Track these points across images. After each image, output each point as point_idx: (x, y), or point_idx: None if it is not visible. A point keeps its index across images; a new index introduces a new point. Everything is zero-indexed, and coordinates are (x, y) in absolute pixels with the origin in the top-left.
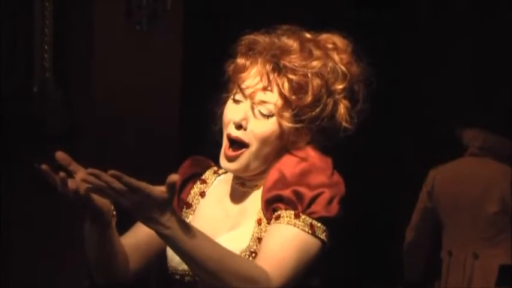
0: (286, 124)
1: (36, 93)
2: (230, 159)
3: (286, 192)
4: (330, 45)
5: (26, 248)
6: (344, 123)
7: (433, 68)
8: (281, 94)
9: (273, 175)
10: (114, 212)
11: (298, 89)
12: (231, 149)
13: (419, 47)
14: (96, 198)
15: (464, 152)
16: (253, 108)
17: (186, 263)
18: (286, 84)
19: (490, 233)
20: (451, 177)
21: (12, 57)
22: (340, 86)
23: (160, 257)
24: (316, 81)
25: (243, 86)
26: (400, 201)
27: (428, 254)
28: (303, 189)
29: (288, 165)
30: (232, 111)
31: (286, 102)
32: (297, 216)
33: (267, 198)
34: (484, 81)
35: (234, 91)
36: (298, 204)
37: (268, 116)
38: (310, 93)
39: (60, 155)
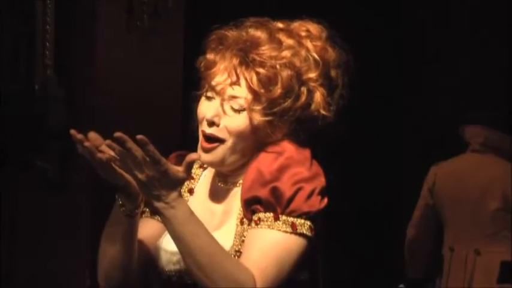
0: (258, 118)
1: (38, 91)
2: (206, 151)
3: (264, 193)
4: (303, 33)
5: (28, 246)
6: (322, 111)
7: (436, 65)
8: (250, 88)
9: (250, 174)
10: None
11: (267, 81)
12: (206, 142)
13: (422, 43)
14: (125, 173)
15: (465, 149)
16: (224, 104)
17: (179, 250)
18: (254, 78)
19: (491, 230)
20: (453, 174)
21: (14, 55)
22: (313, 74)
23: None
24: (286, 73)
25: (213, 82)
26: (401, 198)
27: (430, 251)
28: (281, 187)
29: (265, 162)
30: (205, 108)
31: (256, 95)
32: (276, 219)
33: (246, 199)
34: (486, 78)
35: (205, 88)
36: (276, 205)
37: (239, 111)
38: (279, 85)
39: (92, 135)
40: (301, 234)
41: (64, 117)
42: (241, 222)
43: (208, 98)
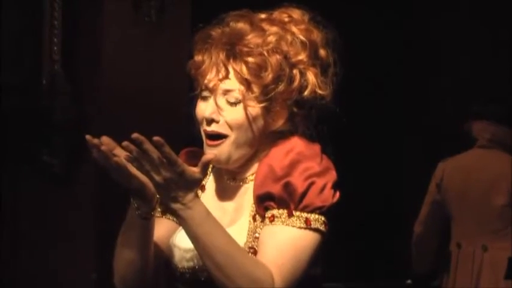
0: (254, 106)
1: (45, 86)
2: (212, 149)
3: (277, 189)
4: (285, 19)
5: (32, 241)
6: (318, 91)
7: (441, 61)
8: (241, 79)
9: (262, 170)
10: (158, 197)
11: (257, 69)
12: (210, 140)
13: (425, 40)
14: (140, 175)
15: (473, 144)
16: (220, 99)
17: (197, 250)
18: (244, 68)
19: (499, 226)
20: (460, 170)
21: (21, 50)
22: (302, 57)
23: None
24: (274, 57)
25: (205, 81)
26: (408, 194)
27: (437, 247)
28: (293, 182)
29: (276, 158)
30: (202, 108)
31: (249, 85)
32: (290, 215)
33: (258, 195)
34: (493, 73)
35: (199, 88)
36: (290, 201)
37: (235, 104)
38: (270, 71)
39: (105, 139)
40: (316, 230)
41: (70, 112)
42: (254, 219)
43: (204, 98)
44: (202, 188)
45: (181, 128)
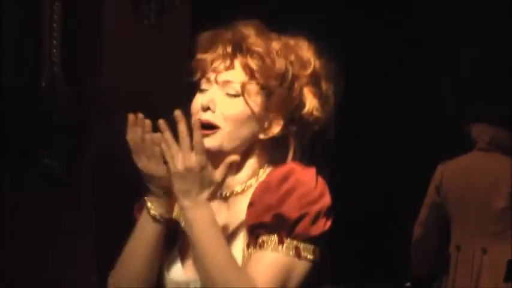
0: (254, 98)
1: (45, 88)
2: (204, 138)
3: (269, 218)
4: (291, 42)
5: (32, 243)
6: (315, 112)
7: (441, 60)
8: (245, 70)
9: (256, 198)
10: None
11: (262, 64)
12: (203, 129)
13: (425, 40)
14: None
15: (472, 147)
16: (219, 90)
17: (193, 253)
18: (249, 59)
19: (498, 228)
20: (460, 172)
21: (21, 52)
22: (305, 73)
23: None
24: (280, 59)
25: (207, 73)
26: (408, 195)
27: (437, 249)
28: (286, 212)
29: (271, 185)
30: (199, 99)
31: (252, 77)
32: (280, 242)
33: (251, 225)
34: (492, 75)
35: (199, 78)
36: (280, 229)
37: (235, 96)
38: (274, 68)
39: (140, 118)
40: (305, 258)
41: (70, 113)
42: (247, 247)
43: (202, 91)
44: None
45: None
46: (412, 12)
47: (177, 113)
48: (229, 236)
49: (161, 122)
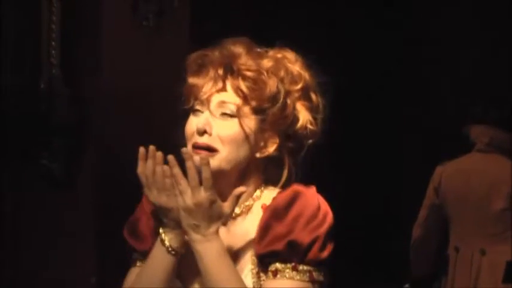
0: (249, 118)
1: (44, 90)
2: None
3: (282, 247)
4: (279, 55)
5: (32, 243)
6: (309, 126)
7: (441, 60)
8: (238, 92)
9: (263, 226)
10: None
11: (254, 84)
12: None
13: (425, 40)
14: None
15: (471, 148)
16: (214, 112)
17: (205, 284)
18: (241, 82)
19: (497, 229)
20: (458, 174)
21: (20, 54)
22: (296, 87)
23: None
24: (272, 78)
25: (200, 94)
26: (407, 196)
27: (436, 250)
28: (298, 239)
29: (278, 212)
30: (194, 122)
31: (245, 99)
32: (294, 269)
33: (261, 254)
34: (491, 77)
35: (192, 102)
36: (294, 257)
37: (230, 116)
38: (266, 88)
39: (152, 151)
40: (318, 281)
41: (69, 115)
42: (258, 276)
43: (196, 113)
44: None
45: (180, 133)
46: (412, 12)
47: (185, 150)
48: (232, 259)
49: (171, 158)
